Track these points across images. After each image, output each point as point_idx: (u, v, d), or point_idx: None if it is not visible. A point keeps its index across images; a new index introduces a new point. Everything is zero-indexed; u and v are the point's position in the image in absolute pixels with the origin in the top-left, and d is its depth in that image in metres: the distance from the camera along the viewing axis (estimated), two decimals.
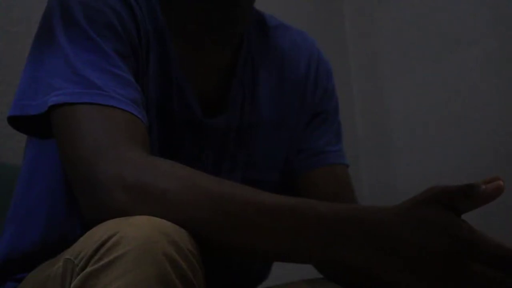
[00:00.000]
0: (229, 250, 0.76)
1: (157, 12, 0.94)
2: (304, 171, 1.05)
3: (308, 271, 0.88)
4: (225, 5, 0.95)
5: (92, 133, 0.79)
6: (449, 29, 2.03)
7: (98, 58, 0.85)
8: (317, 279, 0.91)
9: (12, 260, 0.95)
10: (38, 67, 0.87)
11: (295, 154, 1.05)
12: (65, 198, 0.92)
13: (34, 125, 0.87)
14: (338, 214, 0.73)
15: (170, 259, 0.67)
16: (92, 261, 0.67)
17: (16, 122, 0.88)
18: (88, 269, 0.67)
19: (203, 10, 0.95)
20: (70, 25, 0.87)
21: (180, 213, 0.73)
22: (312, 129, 1.07)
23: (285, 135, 1.04)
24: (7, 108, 0.88)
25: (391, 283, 0.73)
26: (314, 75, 1.07)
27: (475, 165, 1.96)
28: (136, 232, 0.67)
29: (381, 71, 2.18)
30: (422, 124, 2.07)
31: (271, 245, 0.75)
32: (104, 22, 0.87)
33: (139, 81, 0.89)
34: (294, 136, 1.05)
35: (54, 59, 0.86)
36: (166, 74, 0.94)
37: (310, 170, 1.04)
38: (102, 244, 0.67)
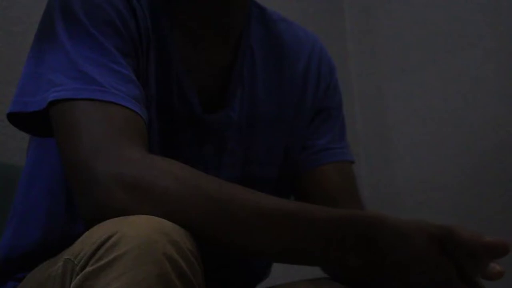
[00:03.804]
0: (227, 250, 0.77)
1: (157, 9, 0.94)
2: (308, 168, 1.05)
3: (308, 271, 0.88)
4: None
5: (91, 131, 0.79)
6: (449, 29, 2.03)
7: (98, 54, 0.85)
8: (317, 279, 0.91)
9: (12, 259, 0.95)
10: (38, 63, 0.87)
11: (299, 151, 1.05)
12: (65, 198, 0.92)
13: (34, 122, 0.87)
14: (332, 219, 0.77)
15: (169, 259, 0.67)
16: (92, 261, 0.68)
17: (16, 119, 0.88)
18: (88, 268, 0.67)
19: (202, 5, 0.95)
20: (71, 22, 0.87)
21: (179, 213, 0.73)
22: (316, 126, 1.07)
23: (282, 129, 1.04)
24: (7, 107, 0.88)
25: (385, 285, 0.78)
26: (316, 71, 1.07)
27: (475, 165, 1.96)
28: (136, 232, 0.68)
29: (381, 71, 2.18)
30: (422, 124, 2.07)
31: (266, 247, 0.77)
32: (105, 19, 0.88)
33: (140, 78, 0.89)
34: (292, 131, 1.04)
35: (54, 55, 0.86)
36: (166, 70, 0.94)
37: (314, 167, 1.05)
38: (102, 244, 0.68)
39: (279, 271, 1.11)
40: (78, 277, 0.68)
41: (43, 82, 0.85)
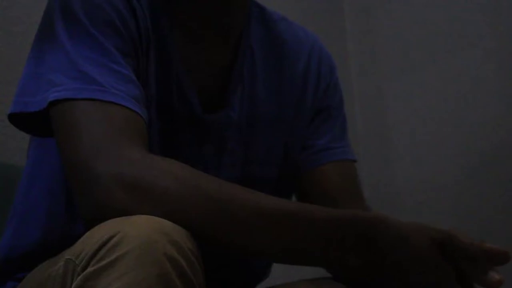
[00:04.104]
0: (227, 250, 0.77)
1: (157, 9, 0.95)
2: (309, 169, 1.05)
3: (308, 271, 0.88)
4: None
5: (91, 131, 0.79)
6: (449, 29, 2.03)
7: (98, 54, 0.85)
8: (318, 279, 0.91)
9: (12, 259, 0.95)
10: (39, 64, 0.87)
11: (299, 151, 1.05)
12: (65, 198, 0.92)
13: (35, 122, 0.87)
14: (332, 219, 0.77)
15: (170, 259, 0.67)
16: (93, 261, 0.68)
17: (17, 119, 0.88)
18: (90, 269, 0.67)
19: (202, 5, 0.95)
20: (71, 22, 0.87)
21: (179, 213, 0.73)
22: (316, 126, 1.07)
23: (282, 129, 1.04)
24: (7, 107, 0.88)
25: (385, 285, 0.79)
26: (316, 71, 1.07)
27: (475, 165, 1.96)
28: (137, 232, 0.68)
29: (381, 71, 2.18)
30: (422, 124, 2.07)
31: (266, 247, 0.77)
32: (105, 19, 0.88)
33: (140, 77, 0.89)
34: (292, 131, 1.05)
35: (55, 55, 0.86)
36: (166, 70, 0.94)
37: (316, 166, 1.05)
38: (103, 244, 0.68)
39: (279, 271, 1.11)
40: (79, 277, 0.68)
41: (43, 82, 0.85)
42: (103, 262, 0.67)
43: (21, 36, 1.49)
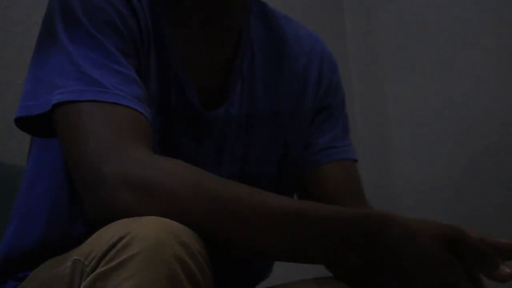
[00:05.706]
0: (233, 250, 0.77)
1: (157, 8, 0.95)
2: (312, 167, 1.05)
3: (308, 270, 0.88)
4: None
5: (95, 133, 0.79)
6: (449, 29, 2.03)
7: (100, 55, 0.85)
8: (319, 279, 0.91)
9: (13, 258, 0.95)
10: (41, 67, 0.87)
11: (299, 150, 1.05)
12: (66, 197, 0.92)
13: (39, 124, 0.87)
14: (338, 218, 0.77)
15: (179, 260, 0.67)
16: (103, 262, 0.68)
17: (22, 122, 0.88)
18: (99, 269, 0.67)
19: (202, 5, 0.95)
20: (71, 24, 0.87)
21: (183, 213, 0.73)
22: (318, 124, 1.07)
23: (281, 127, 1.04)
24: (7, 107, 0.88)
25: (386, 285, 0.78)
26: (317, 70, 1.07)
27: (475, 165, 1.96)
28: (147, 233, 0.68)
29: (381, 71, 2.18)
30: (422, 124, 2.07)
31: (272, 246, 0.77)
32: (105, 20, 0.88)
33: (141, 77, 0.89)
34: (292, 129, 1.04)
35: (56, 57, 0.86)
36: (166, 70, 0.94)
37: (318, 166, 1.05)
38: (113, 245, 0.68)
39: (279, 271, 1.11)
40: (88, 278, 0.68)
41: (45, 84, 0.85)
42: (113, 263, 0.67)
43: (21, 36, 1.49)
